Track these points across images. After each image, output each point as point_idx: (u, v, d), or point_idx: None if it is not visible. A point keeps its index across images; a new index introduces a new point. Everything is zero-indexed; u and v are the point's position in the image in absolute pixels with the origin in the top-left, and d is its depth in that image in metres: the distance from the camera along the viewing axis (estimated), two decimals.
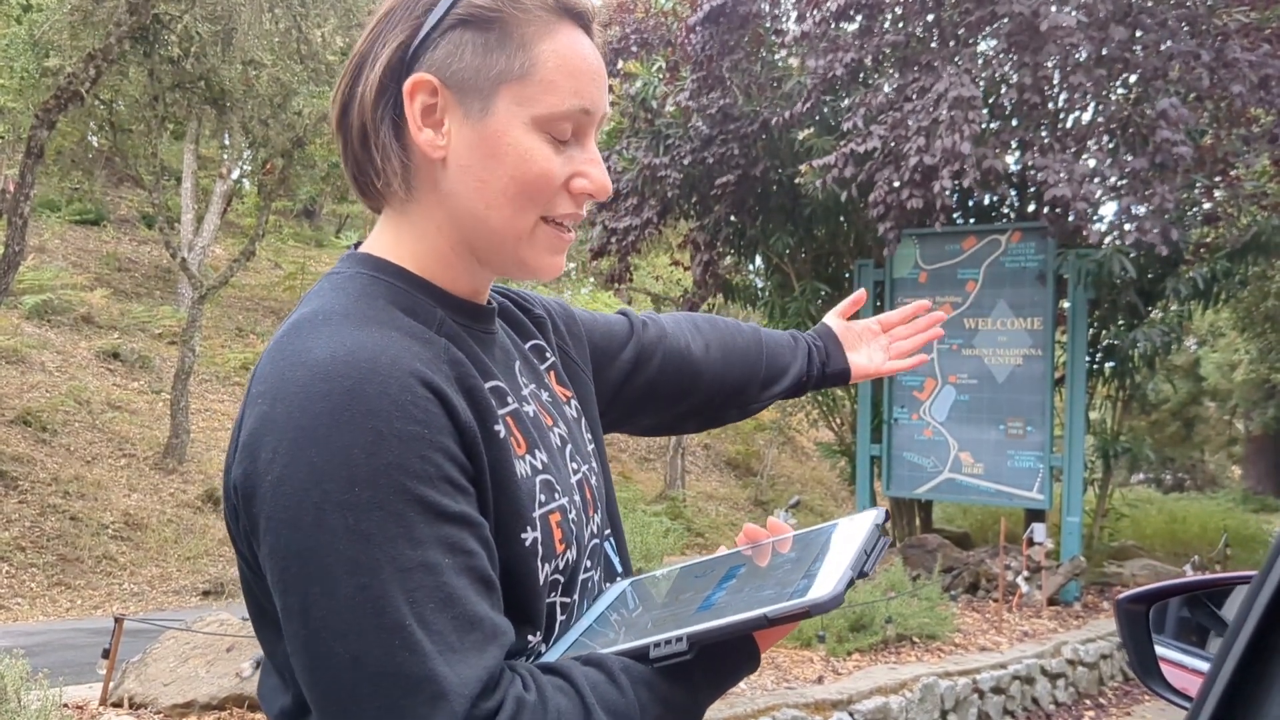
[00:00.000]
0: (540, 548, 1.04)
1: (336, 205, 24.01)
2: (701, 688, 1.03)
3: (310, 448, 0.90)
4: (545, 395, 1.22)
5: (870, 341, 1.74)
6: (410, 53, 1.06)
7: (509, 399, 1.09)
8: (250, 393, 0.97)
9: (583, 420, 1.29)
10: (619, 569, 1.29)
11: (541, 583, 1.04)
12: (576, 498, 1.14)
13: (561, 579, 1.09)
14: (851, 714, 5.58)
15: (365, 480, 0.89)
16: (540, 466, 1.08)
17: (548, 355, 1.31)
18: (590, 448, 1.28)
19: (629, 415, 1.53)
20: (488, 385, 1.05)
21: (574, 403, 1.30)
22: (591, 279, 22.29)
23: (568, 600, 1.11)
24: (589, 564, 1.17)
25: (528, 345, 1.28)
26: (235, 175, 18.18)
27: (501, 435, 1.02)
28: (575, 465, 1.19)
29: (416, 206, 1.10)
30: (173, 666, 5.19)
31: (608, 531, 1.28)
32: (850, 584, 1.01)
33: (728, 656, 1.04)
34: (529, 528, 1.03)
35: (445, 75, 1.05)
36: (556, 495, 1.09)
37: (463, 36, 1.05)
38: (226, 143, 18.18)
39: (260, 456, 0.92)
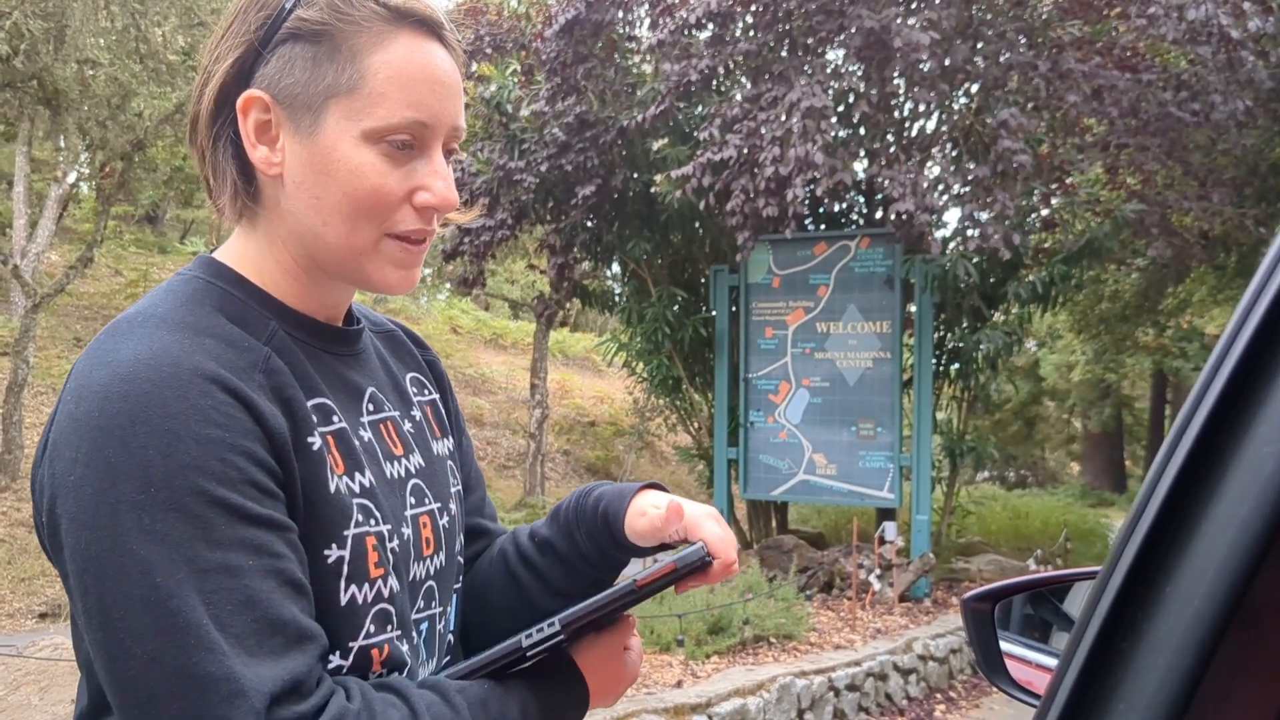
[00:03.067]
0: (346, 567, 1.02)
1: (181, 210, 23.24)
2: (531, 715, 1.05)
3: (108, 449, 0.89)
4: (409, 425, 1.21)
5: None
6: (246, 69, 1.04)
7: (334, 418, 1.07)
8: (65, 386, 0.97)
9: (450, 463, 1.28)
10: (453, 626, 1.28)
11: (344, 603, 1.02)
12: (406, 530, 1.12)
13: (391, 609, 1.07)
14: (710, 717, 5.60)
15: (160, 481, 0.89)
16: (358, 490, 1.05)
17: (428, 391, 1.31)
18: (454, 489, 1.27)
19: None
20: (311, 401, 1.04)
21: (447, 444, 1.30)
22: (448, 285, 22.07)
23: (400, 633, 1.09)
24: (423, 605, 1.16)
25: (408, 376, 1.28)
26: (72, 179, 17.43)
27: (315, 447, 1.01)
28: (415, 500, 1.16)
29: (260, 222, 1.09)
30: (2, 695, 4.92)
31: (458, 586, 1.27)
32: (705, 552, 1.02)
33: (559, 688, 1.09)
34: (334, 545, 1.01)
35: (276, 91, 1.03)
36: (374, 521, 1.06)
37: (293, 50, 1.03)
38: (62, 145, 17.39)
39: (64, 456, 0.92)
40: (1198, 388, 0.58)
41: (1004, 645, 1.75)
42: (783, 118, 8.15)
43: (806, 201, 9.23)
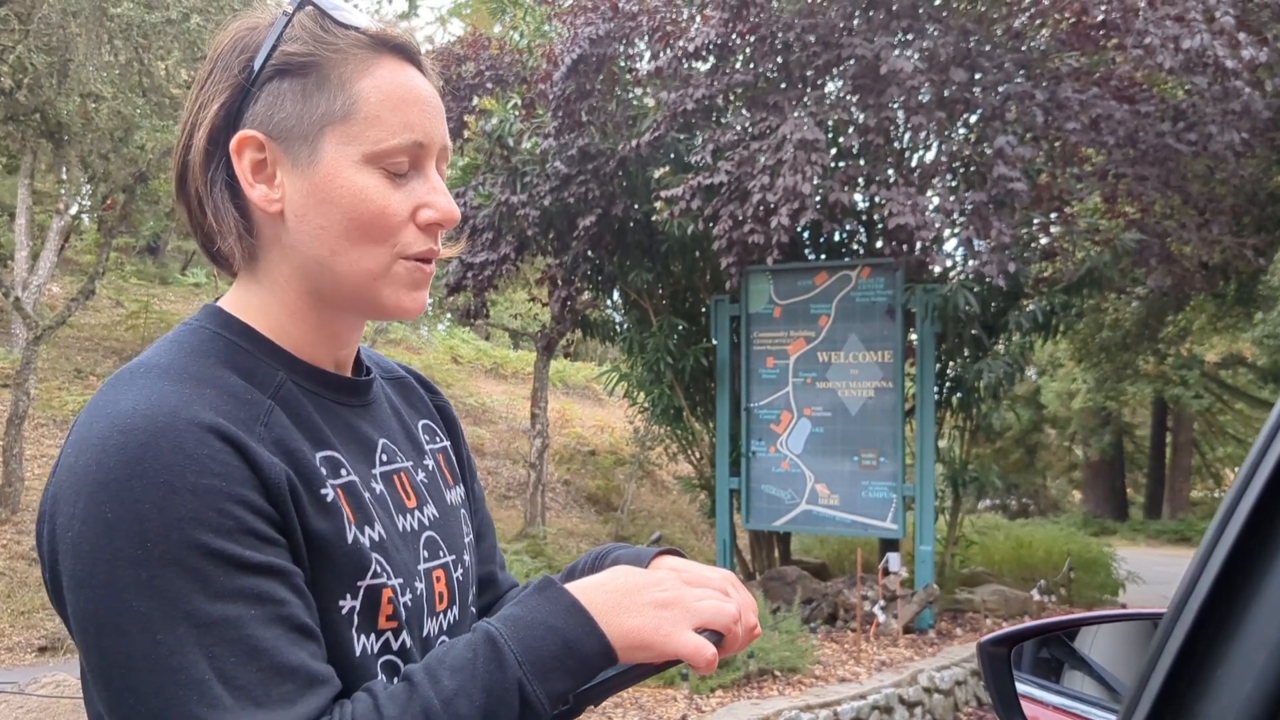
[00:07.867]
0: (357, 618, 1.01)
1: (182, 241, 23.28)
2: (510, 666, 0.94)
3: (105, 504, 0.88)
4: (421, 475, 1.20)
5: None
6: (234, 111, 1.04)
7: (343, 471, 1.06)
8: (67, 438, 0.96)
9: (463, 512, 1.27)
10: None
11: (358, 654, 1.01)
12: (419, 585, 1.11)
13: (399, 662, 1.05)
14: None
15: (157, 535, 0.87)
16: (368, 544, 1.04)
17: (439, 438, 1.30)
18: (467, 539, 1.25)
19: None
20: (320, 454, 1.03)
21: (459, 492, 1.29)
22: (449, 315, 22.09)
23: None
24: None
25: (420, 423, 1.27)
26: (74, 211, 17.49)
27: (329, 499, 1.00)
28: (429, 553, 1.15)
29: (262, 265, 1.09)
30: None
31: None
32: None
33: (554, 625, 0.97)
34: (348, 596, 1.00)
35: (269, 128, 1.04)
36: (387, 575, 1.05)
37: (281, 86, 1.04)
38: (64, 177, 17.46)
39: (63, 511, 0.91)
40: (1244, 471, 0.57)
41: (1017, 686, 1.74)
42: (776, 148, 8.18)
43: (804, 230, 9.25)
